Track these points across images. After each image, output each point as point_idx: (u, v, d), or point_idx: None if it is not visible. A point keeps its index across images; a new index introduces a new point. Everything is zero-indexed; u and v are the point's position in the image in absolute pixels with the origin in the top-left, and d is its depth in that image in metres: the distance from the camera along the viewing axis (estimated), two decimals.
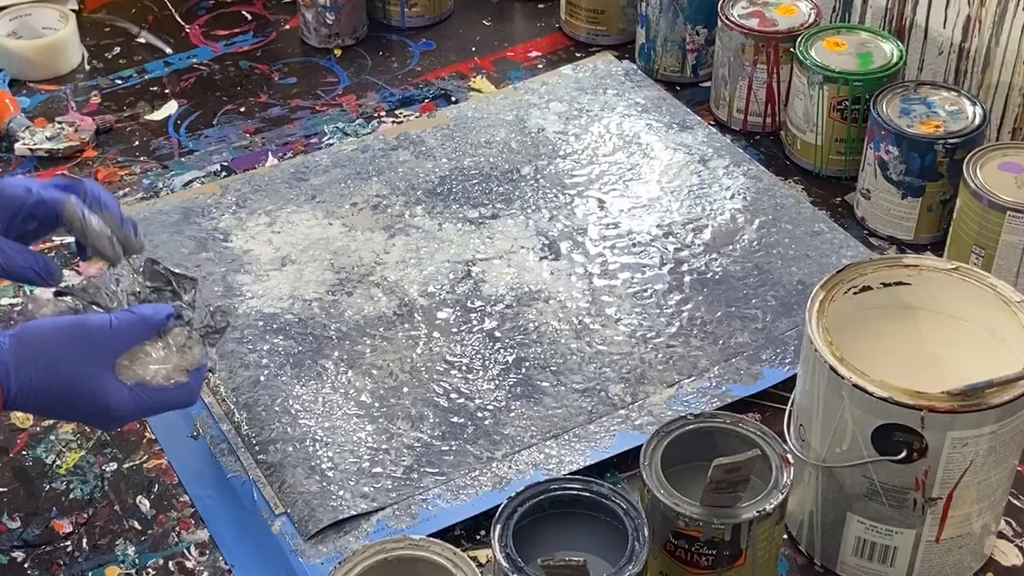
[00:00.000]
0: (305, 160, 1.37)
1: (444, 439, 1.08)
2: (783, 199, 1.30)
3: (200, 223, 1.29)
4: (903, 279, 0.99)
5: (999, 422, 0.89)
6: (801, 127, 1.34)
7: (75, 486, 1.06)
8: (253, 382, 1.12)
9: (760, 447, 0.92)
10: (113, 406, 0.93)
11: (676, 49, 1.46)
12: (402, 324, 1.18)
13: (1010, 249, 1.14)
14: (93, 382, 0.92)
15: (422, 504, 1.03)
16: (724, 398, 1.11)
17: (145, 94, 1.49)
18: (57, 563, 1.01)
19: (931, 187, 1.23)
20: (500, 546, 0.87)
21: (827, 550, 0.99)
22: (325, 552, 1.00)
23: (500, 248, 1.26)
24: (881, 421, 0.89)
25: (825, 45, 1.32)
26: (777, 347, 1.15)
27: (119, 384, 0.93)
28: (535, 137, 1.39)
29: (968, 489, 0.92)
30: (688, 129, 1.39)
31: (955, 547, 0.96)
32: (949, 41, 1.34)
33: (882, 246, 1.27)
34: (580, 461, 1.06)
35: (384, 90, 1.48)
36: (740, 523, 0.88)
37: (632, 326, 1.17)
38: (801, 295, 1.19)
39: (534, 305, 1.20)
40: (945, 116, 1.23)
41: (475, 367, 1.14)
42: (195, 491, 1.06)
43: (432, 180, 1.34)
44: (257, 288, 1.21)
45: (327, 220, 1.29)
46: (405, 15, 1.58)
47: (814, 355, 0.92)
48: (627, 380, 1.12)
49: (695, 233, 1.27)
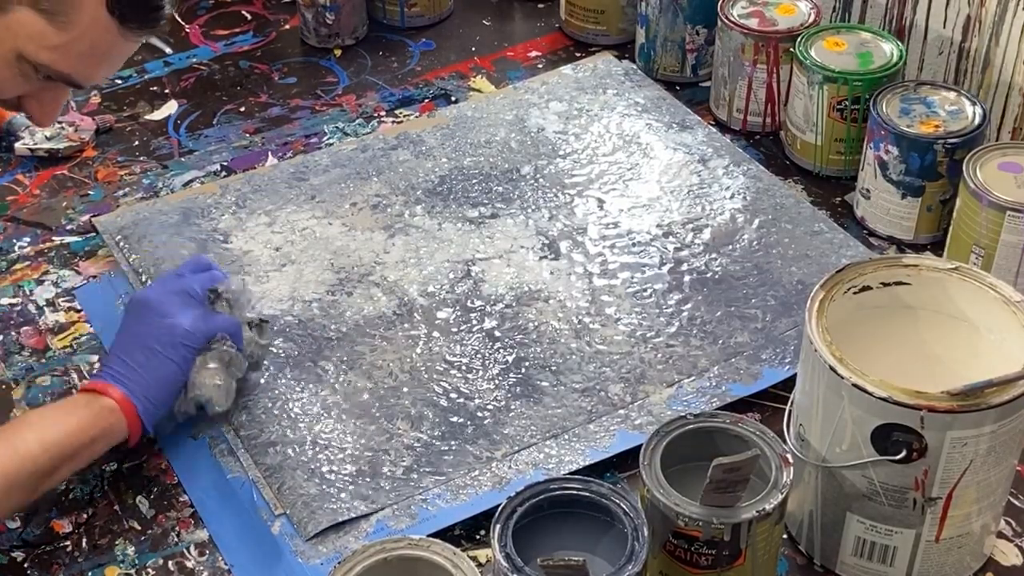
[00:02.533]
0: (305, 160, 1.37)
1: (444, 439, 1.08)
2: (783, 199, 1.30)
3: (200, 223, 1.29)
4: (903, 279, 0.98)
5: (999, 422, 0.89)
6: (801, 127, 1.34)
7: (75, 486, 1.06)
8: (253, 384, 1.12)
9: (760, 447, 0.92)
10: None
11: (676, 49, 1.46)
12: (402, 324, 1.18)
13: (1010, 249, 1.14)
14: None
15: (422, 504, 1.03)
16: (724, 398, 1.11)
17: (145, 94, 1.49)
18: (57, 563, 1.01)
19: (931, 187, 1.23)
20: (500, 546, 0.87)
21: (827, 550, 0.99)
22: (325, 552, 1.00)
23: (500, 248, 1.26)
24: (881, 421, 0.89)
25: (825, 45, 1.32)
26: (777, 347, 1.15)
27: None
28: (535, 137, 1.39)
29: (968, 489, 0.92)
30: (688, 129, 1.39)
31: (955, 547, 0.96)
32: (949, 41, 1.34)
33: (882, 246, 1.27)
34: (580, 461, 1.06)
35: (384, 90, 1.48)
36: (740, 523, 0.88)
37: (632, 326, 1.17)
38: (801, 295, 1.19)
39: (534, 305, 1.20)
40: (945, 116, 1.23)
41: (475, 367, 1.14)
42: (195, 491, 1.06)
43: (432, 180, 1.34)
44: (257, 290, 1.21)
45: (327, 220, 1.29)
46: (405, 15, 1.58)
47: (814, 355, 0.92)
48: (627, 380, 1.12)
49: (695, 233, 1.27)
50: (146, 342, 1.05)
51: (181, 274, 1.11)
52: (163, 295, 1.08)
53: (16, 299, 1.23)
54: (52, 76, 0.99)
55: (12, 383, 1.14)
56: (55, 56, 0.97)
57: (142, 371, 1.03)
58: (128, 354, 1.04)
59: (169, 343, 1.05)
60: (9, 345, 1.18)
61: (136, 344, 1.05)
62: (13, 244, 1.28)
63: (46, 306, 1.22)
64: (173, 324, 1.05)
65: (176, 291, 1.08)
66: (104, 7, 0.96)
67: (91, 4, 0.96)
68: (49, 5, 0.95)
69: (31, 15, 0.95)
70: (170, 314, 1.06)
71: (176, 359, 1.05)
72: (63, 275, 1.25)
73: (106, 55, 1.01)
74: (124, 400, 1.02)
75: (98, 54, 0.99)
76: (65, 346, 1.18)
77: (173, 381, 1.05)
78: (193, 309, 1.07)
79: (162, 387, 1.04)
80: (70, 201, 1.34)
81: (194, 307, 1.07)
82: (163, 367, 1.04)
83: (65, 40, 0.96)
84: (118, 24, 0.97)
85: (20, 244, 1.29)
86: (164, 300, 1.07)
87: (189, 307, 1.07)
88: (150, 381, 1.03)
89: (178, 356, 1.05)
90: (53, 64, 0.97)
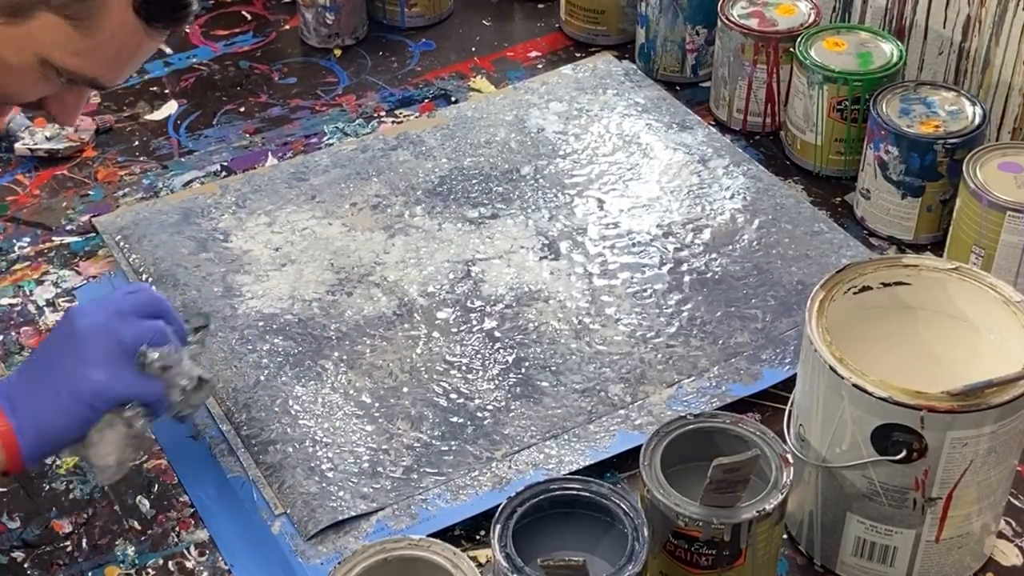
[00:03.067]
0: (305, 160, 1.37)
1: (444, 439, 1.08)
2: (783, 199, 1.30)
3: (200, 223, 1.29)
4: (903, 279, 0.98)
5: (999, 422, 0.89)
6: (801, 127, 1.34)
7: (75, 486, 1.06)
8: (253, 383, 1.12)
9: (760, 447, 0.92)
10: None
11: (676, 49, 1.46)
12: (402, 324, 1.18)
13: (1010, 249, 1.14)
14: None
15: (422, 504, 1.03)
16: (724, 398, 1.11)
17: (145, 94, 1.49)
18: (57, 563, 1.01)
19: (931, 187, 1.23)
20: (500, 546, 0.87)
21: (827, 550, 0.99)
22: (325, 552, 1.00)
23: (500, 248, 1.26)
24: (881, 421, 0.89)
25: (825, 45, 1.32)
26: (777, 347, 1.15)
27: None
28: (535, 137, 1.39)
29: (968, 489, 0.92)
30: (688, 129, 1.39)
31: (955, 547, 0.96)
32: (949, 41, 1.34)
33: (882, 246, 1.27)
34: (580, 461, 1.06)
35: (384, 90, 1.48)
36: (740, 523, 0.88)
37: (632, 326, 1.17)
38: (801, 295, 1.19)
39: (534, 305, 1.20)
40: (945, 116, 1.23)
41: (475, 367, 1.14)
42: (195, 491, 1.06)
43: (432, 180, 1.34)
44: (257, 288, 1.21)
45: (327, 220, 1.29)
46: (405, 15, 1.58)
47: (814, 355, 0.92)
48: (627, 380, 1.12)
49: (695, 233, 1.27)
50: (54, 381, 0.95)
51: (124, 311, 0.98)
52: (93, 331, 0.96)
53: (16, 299, 1.23)
54: (76, 80, 0.97)
55: None
56: (80, 61, 0.94)
57: (39, 406, 0.94)
58: (33, 381, 0.95)
59: (74, 394, 0.94)
60: (9, 345, 1.18)
61: (44, 376, 0.95)
62: (13, 244, 1.28)
63: (46, 306, 1.22)
64: (85, 376, 0.94)
65: (107, 331, 0.96)
66: (131, 9, 0.94)
67: (117, 7, 0.93)
68: (74, 11, 0.92)
69: (55, 21, 0.92)
70: (89, 361, 0.95)
71: (75, 415, 0.95)
72: (63, 275, 1.25)
73: (131, 56, 0.99)
74: (7, 433, 0.93)
75: (123, 56, 0.97)
76: None
77: (65, 432, 0.95)
78: (115, 363, 0.95)
79: (54, 432, 0.95)
80: (70, 201, 1.34)
81: (118, 361, 0.96)
82: (59, 417, 0.94)
83: (91, 45, 0.94)
84: (144, 25, 0.95)
85: (20, 244, 1.29)
86: (90, 338, 0.95)
87: (113, 359, 0.95)
88: (44, 421, 0.94)
89: (78, 413, 0.95)
90: (78, 69, 0.95)
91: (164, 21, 0.97)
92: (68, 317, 0.97)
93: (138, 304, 0.99)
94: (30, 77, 0.96)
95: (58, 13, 0.92)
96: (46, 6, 0.91)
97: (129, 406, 0.96)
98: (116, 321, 0.97)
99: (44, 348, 0.97)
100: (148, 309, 0.99)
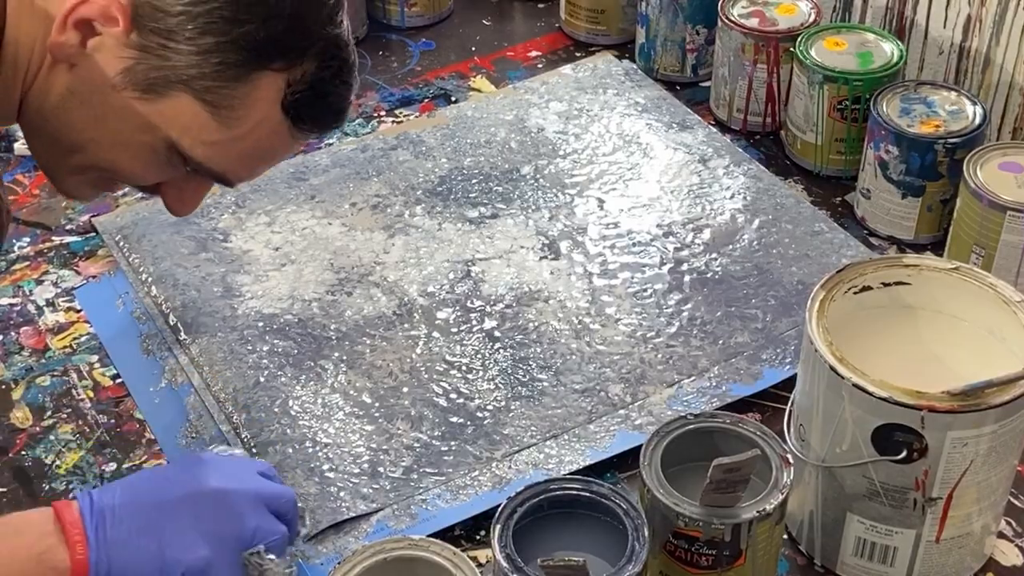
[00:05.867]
0: (305, 160, 1.37)
1: (444, 439, 1.08)
2: (783, 199, 1.30)
3: (199, 223, 1.29)
4: (903, 279, 0.98)
5: (999, 422, 0.89)
6: (801, 127, 1.34)
7: (75, 486, 1.06)
8: (252, 383, 1.12)
9: (760, 447, 0.92)
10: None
11: (676, 49, 1.46)
12: (402, 324, 1.18)
13: (1010, 249, 1.14)
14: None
15: (422, 504, 1.03)
16: (724, 398, 1.11)
17: None
18: None
19: (931, 187, 1.23)
20: (500, 546, 0.87)
21: (827, 550, 0.99)
22: (325, 552, 1.00)
23: (500, 248, 1.26)
24: (881, 421, 0.89)
25: (825, 45, 1.32)
26: (777, 347, 1.15)
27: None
28: (535, 137, 1.39)
29: (968, 489, 0.92)
30: (688, 129, 1.39)
31: (955, 547, 0.96)
32: (949, 41, 1.34)
33: (882, 246, 1.27)
34: (580, 461, 1.06)
35: (384, 90, 1.48)
36: (740, 523, 0.88)
37: (632, 326, 1.17)
38: (801, 295, 1.19)
39: (534, 305, 1.20)
40: (945, 116, 1.23)
41: (475, 367, 1.14)
42: None
43: (432, 180, 1.34)
44: (256, 288, 1.21)
45: (327, 220, 1.29)
46: (405, 15, 1.58)
47: (814, 355, 0.92)
48: (627, 380, 1.12)
49: (695, 233, 1.27)
50: (160, 535, 0.84)
51: (262, 495, 0.89)
52: (220, 499, 0.87)
53: (16, 299, 1.23)
54: (201, 171, 0.88)
55: (12, 383, 1.14)
56: (211, 152, 0.86)
57: (129, 558, 0.84)
58: (136, 530, 0.85)
59: (172, 563, 0.85)
60: (9, 345, 1.18)
61: (152, 526, 0.85)
62: (13, 244, 1.28)
63: (46, 306, 1.22)
64: (192, 549, 0.85)
65: (234, 512, 0.87)
66: (278, 105, 0.85)
67: (264, 101, 0.84)
68: (217, 97, 0.83)
69: (193, 104, 0.83)
70: (200, 530, 0.85)
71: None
72: (63, 275, 1.25)
73: (266, 156, 0.90)
74: (82, 561, 0.83)
75: (259, 155, 0.88)
76: (65, 346, 1.18)
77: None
78: (225, 548, 0.87)
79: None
80: (70, 201, 1.34)
81: (229, 546, 0.87)
82: (141, 572, 0.84)
83: (227, 137, 0.85)
84: (290, 125, 0.86)
85: (20, 244, 1.28)
86: (213, 507, 0.86)
87: (225, 543, 0.87)
88: (125, 571, 0.84)
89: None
90: (207, 161, 0.86)
91: (312, 124, 0.89)
92: (204, 466, 0.89)
93: (275, 496, 0.91)
94: (153, 160, 0.87)
95: (198, 96, 0.83)
96: (186, 87, 0.83)
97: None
98: (247, 505, 0.88)
99: (162, 484, 0.88)
100: (281, 506, 0.91)
